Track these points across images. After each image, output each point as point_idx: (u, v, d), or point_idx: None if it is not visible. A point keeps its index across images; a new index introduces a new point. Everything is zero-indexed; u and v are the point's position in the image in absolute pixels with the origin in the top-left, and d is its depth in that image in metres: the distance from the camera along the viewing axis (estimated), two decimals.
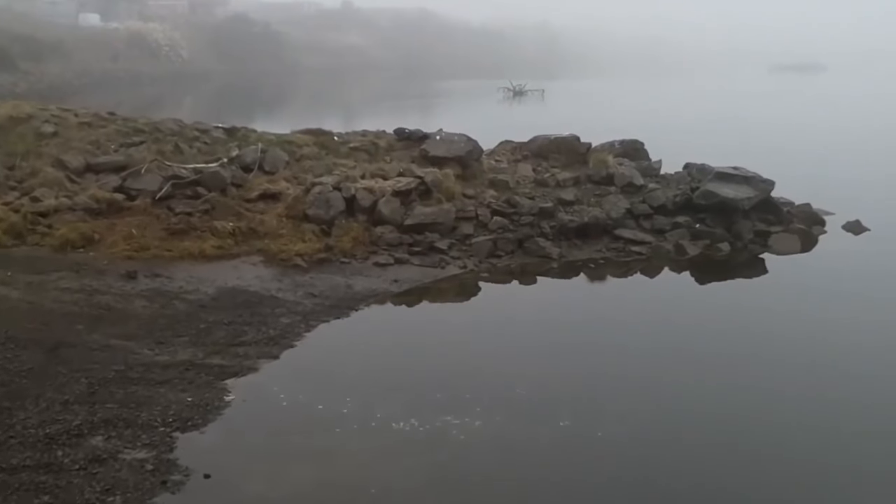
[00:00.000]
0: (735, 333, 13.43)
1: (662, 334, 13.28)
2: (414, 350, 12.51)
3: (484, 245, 17.05)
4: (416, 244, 16.92)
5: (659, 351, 12.49)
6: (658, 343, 12.84)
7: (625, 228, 18.47)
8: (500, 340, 12.85)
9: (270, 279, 14.80)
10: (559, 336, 13.15)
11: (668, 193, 19.45)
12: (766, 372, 11.84)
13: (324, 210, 17.21)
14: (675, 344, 12.86)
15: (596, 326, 13.70)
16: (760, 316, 14.31)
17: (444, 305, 14.89)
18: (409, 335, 13.14)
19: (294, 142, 19.38)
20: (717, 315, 14.40)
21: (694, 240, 18.37)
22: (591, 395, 11.03)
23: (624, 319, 14.06)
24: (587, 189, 19.82)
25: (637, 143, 22.08)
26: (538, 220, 18.14)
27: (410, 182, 18.20)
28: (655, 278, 16.68)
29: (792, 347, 12.86)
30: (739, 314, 14.45)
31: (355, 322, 13.47)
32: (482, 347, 12.52)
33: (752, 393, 11.10)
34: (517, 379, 11.20)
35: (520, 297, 15.24)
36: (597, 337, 13.14)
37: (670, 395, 11.02)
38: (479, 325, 13.66)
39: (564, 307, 14.74)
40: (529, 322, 13.83)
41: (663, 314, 14.29)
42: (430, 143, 20.04)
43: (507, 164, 21.14)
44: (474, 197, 18.63)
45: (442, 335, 13.16)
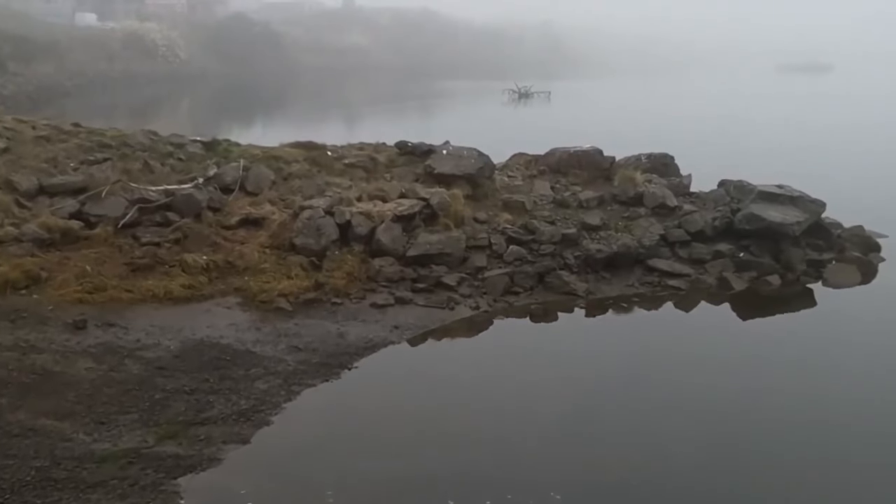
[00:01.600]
0: (810, 399, 10.91)
1: (728, 403, 10.76)
2: (421, 429, 9.96)
3: (499, 280, 14.51)
4: (421, 279, 14.40)
5: (729, 425, 9.98)
6: (726, 418, 10.33)
7: (659, 258, 15.92)
8: (527, 415, 10.31)
9: (248, 327, 12.26)
10: (602, 410, 10.61)
11: (707, 216, 16.90)
12: (855, 446, 9.38)
13: (314, 239, 14.69)
14: (744, 412, 10.37)
15: (645, 398, 11.09)
16: (833, 373, 11.79)
17: (454, 360, 12.30)
18: (414, 405, 10.58)
19: (282, 157, 16.86)
20: (784, 372, 11.84)
21: (739, 271, 15.81)
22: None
23: (679, 383, 11.44)
24: (614, 211, 17.27)
25: (667, 157, 19.55)
26: (560, 249, 15.61)
27: (413, 204, 15.68)
28: (701, 320, 14.14)
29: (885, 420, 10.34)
30: (808, 371, 11.91)
31: (347, 386, 10.94)
32: (504, 427, 9.97)
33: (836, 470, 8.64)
34: (550, 474, 8.69)
35: (546, 349, 12.66)
36: (650, 420, 10.47)
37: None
38: (499, 390, 11.06)
39: (602, 364, 12.16)
40: (562, 385, 11.25)
41: (723, 372, 11.72)
42: (436, 158, 17.50)
43: (522, 181, 18.61)
44: (487, 222, 16.11)
45: (454, 406, 10.59)
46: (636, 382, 11.28)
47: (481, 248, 15.38)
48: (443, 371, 11.82)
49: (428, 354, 12.28)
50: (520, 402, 10.62)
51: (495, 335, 13.08)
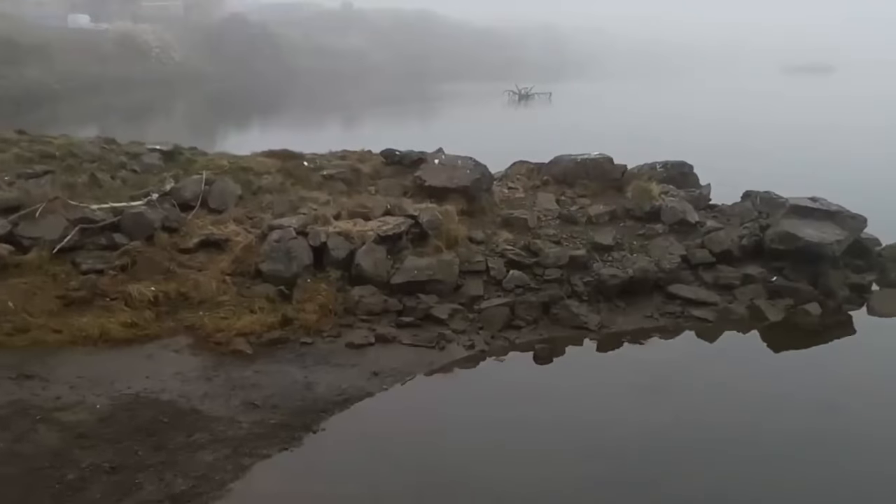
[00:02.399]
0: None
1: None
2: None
3: (498, 313, 12.38)
4: (407, 312, 12.29)
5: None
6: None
7: (681, 284, 13.80)
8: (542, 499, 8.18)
9: (196, 377, 10.15)
10: (631, 482, 8.48)
11: (733, 234, 14.76)
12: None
13: (283, 264, 12.58)
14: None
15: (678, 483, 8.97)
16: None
17: (443, 420, 10.04)
18: (391, 486, 8.43)
19: (251, 168, 14.75)
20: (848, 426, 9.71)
21: (772, 298, 13.69)
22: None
23: (721, 441, 9.34)
24: (628, 228, 15.16)
25: (685, 165, 17.43)
26: (568, 273, 13.49)
27: (400, 223, 13.57)
28: (734, 359, 11.97)
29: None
30: (867, 423, 9.79)
31: (310, 456, 8.82)
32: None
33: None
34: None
35: (556, 407, 10.42)
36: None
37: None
38: (499, 465, 8.90)
39: (627, 416, 10.02)
40: (578, 460, 9.09)
41: (770, 429, 9.60)
42: (427, 168, 15.39)
43: (524, 193, 16.51)
44: (484, 242, 13.99)
45: (442, 488, 8.45)
46: (665, 455, 9.13)
47: (477, 274, 13.26)
48: (428, 437, 9.58)
49: (411, 411, 10.10)
50: (526, 481, 8.46)
51: (494, 384, 10.91)
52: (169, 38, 73.59)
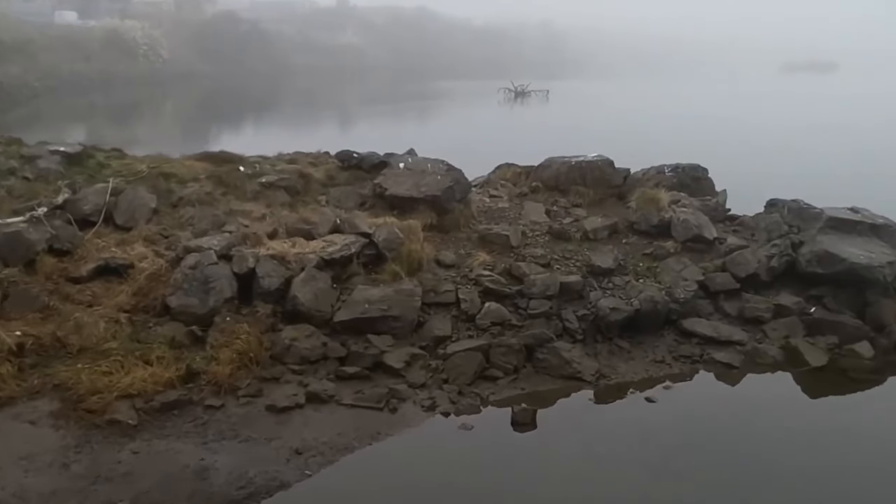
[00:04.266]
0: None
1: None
2: None
3: (468, 360, 9.57)
4: (352, 359, 9.51)
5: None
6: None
7: (698, 318, 11.01)
8: None
9: (49, 463, 7.37)
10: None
11: (760, 254, 11.94)
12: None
13: (198, 297, 9.80)
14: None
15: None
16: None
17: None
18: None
19: (175, 175, 11.95)
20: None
21: (811, 335, 10.90)
22: None
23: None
24: (632, 246, 12.35)
25: (698, 169, 14.64)
26: (558, 305, 10.69)
27: (350, 243, 10.80)
28: (769, 421, 9.09)
29: None
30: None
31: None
32: None
33: None
34: None
35: (541, 487, 7.67)
36: None
37: None
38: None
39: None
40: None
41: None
42: (390, 174, 12.58)
43: (509, 202, 13.72)
44: (455, 265, 11.19)
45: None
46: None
47: (445, 308, 10.46)
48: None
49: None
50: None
51: (457, 465, 8.07)
52: (157, 36, 70.59)
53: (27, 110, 47.34)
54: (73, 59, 63.19)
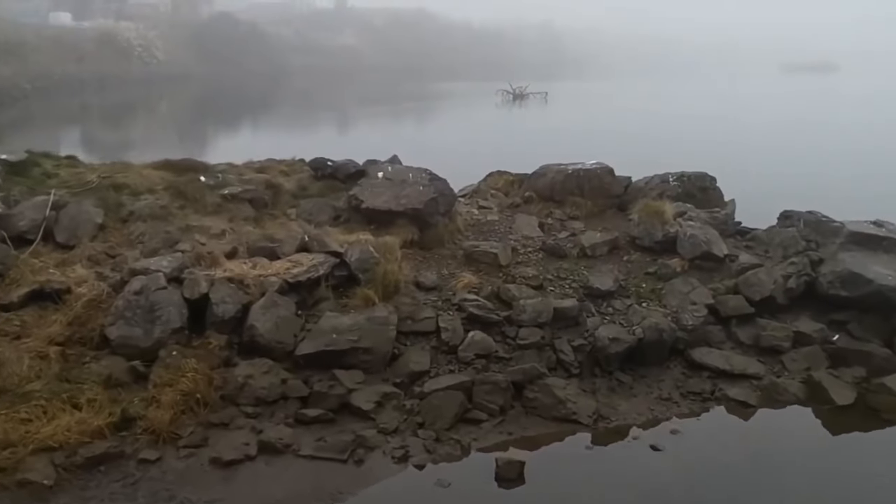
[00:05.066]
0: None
1: None
2: None
3: (447, 400, 8.33)
4: (314, 400, 8.28)
5: None
6: None
7: (708, 347, 9.77)
8: None
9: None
10: None
11: (776, 274, 10.68)
12: None
13: (142, 327, 8.57)
14: None
15: None
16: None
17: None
18: None
19: (128, 185, 10.72)
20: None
21: (836, 366, 9.65)
22: None
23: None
24: (634, 264, 11.11)
25: (705, 178, 13.40)
26: (551, 334, 9.46)
27: (318, 263, 9.56)
28: (794, 475, 7.84)
29: None
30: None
31: None
32: None
33: None
34: None
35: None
36: None
37: None
38: None
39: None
40: None
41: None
42: (367, 185, 11.34)
43: (499, 215, 12.48)
44: (436, 288, 9.95)
45: None
46: None
47: (423, 337, 9.23)
48: None
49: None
50: None
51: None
52: (152, 37, 69.58)
53: (15, 112, 46.20)
54: (65, 61, 62.14)
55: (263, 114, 50.94)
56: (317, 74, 76.56)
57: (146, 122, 47.66)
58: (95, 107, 52.18)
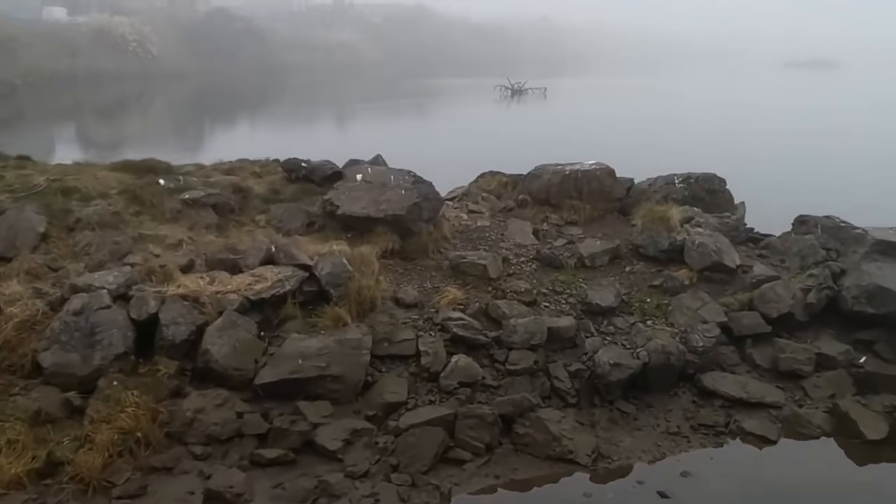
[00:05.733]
0: None
1: None
2: None
3: (426, 438, 7.25)
4: (274, 437, 7.20)
5: None
6: None
7: (721, 371, 8.70)
8: None
9: None
10: None
11: (794, 287, 9.60)
12: None
13: (80, 353, 7.50)
14: None
15: None
16: None
17: None
18: None
19: (80, 189, 9.62)
20: None
21: (863, 393, 8.59)
22: None
23: None
24: (637, 276, 10.02)
25: (714, 180, 12.31)
26: (545, 358, 8.38)
27: (284, 278, 8.48)
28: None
29: None
30: None
31: None
32: None
33: None
34: None
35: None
36: None
37: None
38: None
39: None
40: None
41: None
42: (344, 189, 10.25)
43: (491, 220, 11.40)
44: (417, 305, 8.86)
45: None
46: None
47: (401, 362, 8.15)
48: None
49: None
50: None
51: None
52: (147, 32, 68.22)
53: (1, 109, 45.07)
54: (57, 56, 60.87)
55: (257, 111, 49.80)
56: (313, 71, 75.42)
57: (136, 119, 46.55)
58: (86, 103, 51.03)
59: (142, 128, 41.26)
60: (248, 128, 41.47)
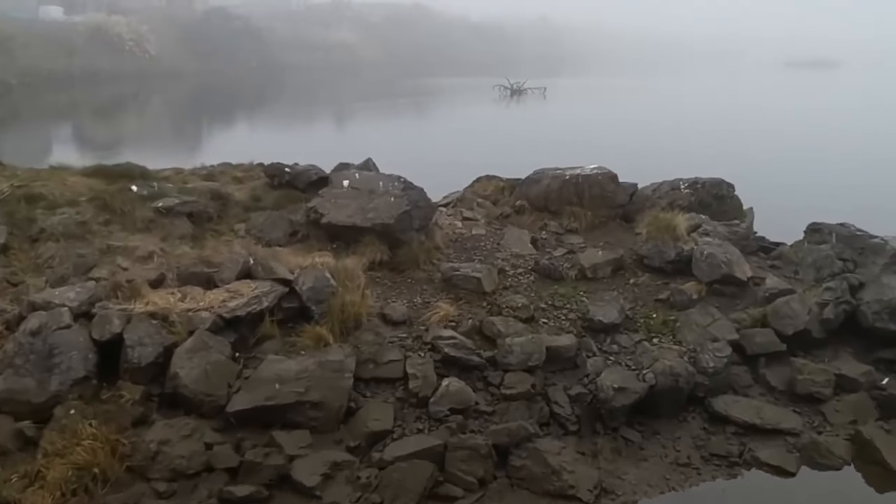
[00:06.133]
0: None
1: None
2: None
3: (413, 472, 6.59)
4: (245, 472, 6.52)
5: None
6: None
7: (733, 394, 8.04)
8: None
9: None
10: None
11: (809, 301, 8.93)
12: None
13: (35, 378, 6.85)
14: None
15: None
16: None
17: None
18: None
19: (45, 196, 8.96)
20: None
21: (886, 417, 7.92)
22: None
23: None
24: (641, 288, 9.36)
25: (722, 185, 11.67)
26: (543, 380, 7.72)
27: (262, 294, 7.81)
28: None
29: None
30: None
31: None
32: None
33: None
34: None
35: None
36: None
37: None
38: None
39: None
40: None
41: None
42: (329, 196, 9.58)
43: (486, 228, 10.76)
44: (406, 322, 8.19)
45: None
46: None
47: (388, 385, 7.49)
48: None
49: None
50: None
51: None
52: (144, 31, 67.48)
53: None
54: (54, 55, 60.17)
55: (254, 111, 49.13)
56: (312, 70, 74.77)
57: (131, 119, 45.90)
58: (81, 103, 50.41)
59: (136, 128, 40.62)
60: (245, 128, 40.81)
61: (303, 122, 42.06)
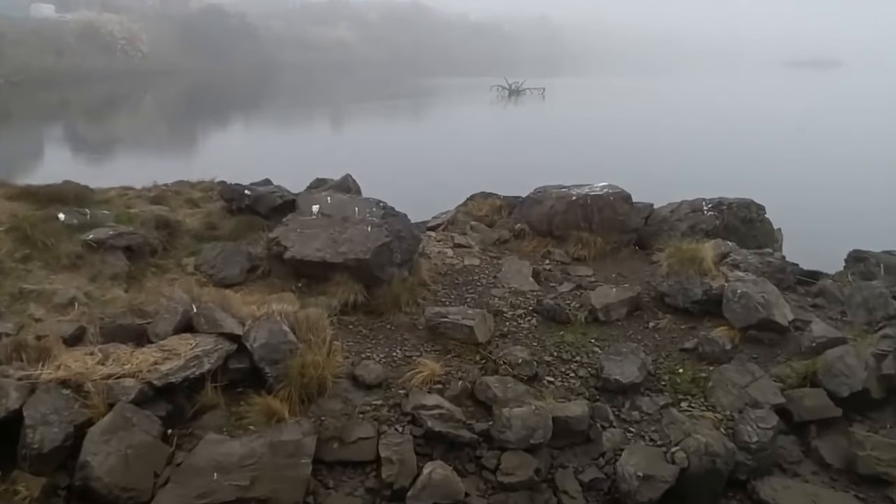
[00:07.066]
0: None
1: None
2: None
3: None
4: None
5: None
6: None
7: (780, 476, 6.50)
8: None
9: None
10: None
11: (864, 351, 7.40)
12: None
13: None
14: None
15: None
16: None
17: None
18: None
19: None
20: None
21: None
22: None
23: None
24: (663, 334, 7.85)
25: (751, 206, 10.22)
26: (549, 462, 6.19)
27: (203, 354, 6.28)
28: None
29: None
30: None
31: None
32: None
33: None
34: None
35: None
36: None
37: None
38: None
39: None
40: None
41: None
42: (295, 224, 8.04)
43: (481, 256, 9.24)
44: (381, 385, 6.65)
45: None
46: None
47: (356, 471, 5.97)
48: None
49: None
50: None
51: None
52: (136, 30, 66.04)
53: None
54: (43, 54, 58.87)
55: (247, 112, 47.61)
56: (308, 69, 73.31)
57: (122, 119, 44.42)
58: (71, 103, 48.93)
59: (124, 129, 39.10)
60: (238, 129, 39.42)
61: (296, 124, 40.60)
